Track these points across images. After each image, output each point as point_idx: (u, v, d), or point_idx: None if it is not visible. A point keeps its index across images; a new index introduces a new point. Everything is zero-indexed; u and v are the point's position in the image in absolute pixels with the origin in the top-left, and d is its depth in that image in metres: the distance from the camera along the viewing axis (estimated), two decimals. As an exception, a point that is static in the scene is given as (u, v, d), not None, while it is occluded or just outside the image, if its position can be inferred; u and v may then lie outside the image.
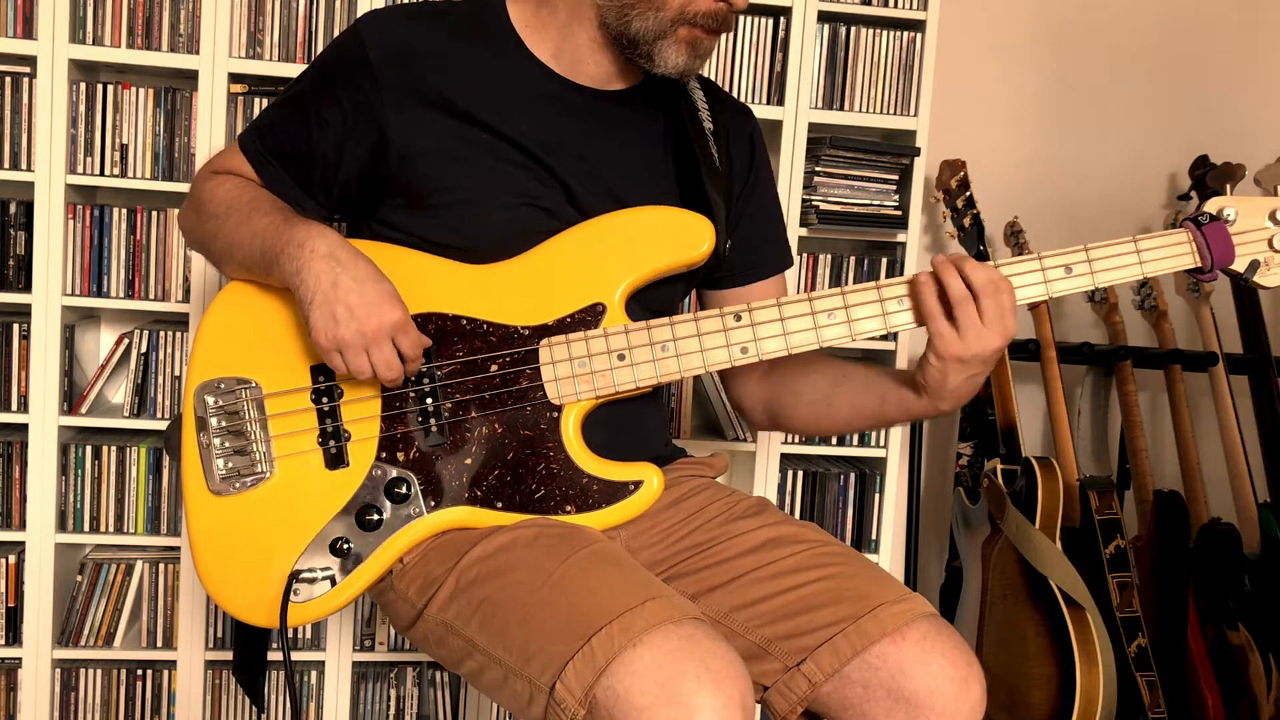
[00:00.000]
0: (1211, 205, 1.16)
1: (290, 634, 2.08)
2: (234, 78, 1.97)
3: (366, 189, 1.21)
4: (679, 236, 1.17)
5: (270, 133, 1.22)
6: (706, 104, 1.28)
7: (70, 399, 2.00)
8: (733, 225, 1.30)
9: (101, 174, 1.97)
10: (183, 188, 1.95)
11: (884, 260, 2.23)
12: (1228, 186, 2.22)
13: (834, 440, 2.22)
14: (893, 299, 1.14)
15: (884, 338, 2.16)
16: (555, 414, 1.15)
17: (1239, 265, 1.16)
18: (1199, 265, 1.16)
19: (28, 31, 1.91)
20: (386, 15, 1.19)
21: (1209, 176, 2.37)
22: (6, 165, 1.93)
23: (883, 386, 1.22)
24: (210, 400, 1.17)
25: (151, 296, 2.00)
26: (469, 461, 1.14)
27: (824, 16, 2.12)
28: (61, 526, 1.99)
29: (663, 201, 1.20)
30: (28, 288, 1.94)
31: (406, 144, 1.16)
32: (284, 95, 1.23)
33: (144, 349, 2.01)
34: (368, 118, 1.16)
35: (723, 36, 2.05)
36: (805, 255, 2.19)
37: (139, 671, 2.05)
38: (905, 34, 2.14)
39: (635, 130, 1.25)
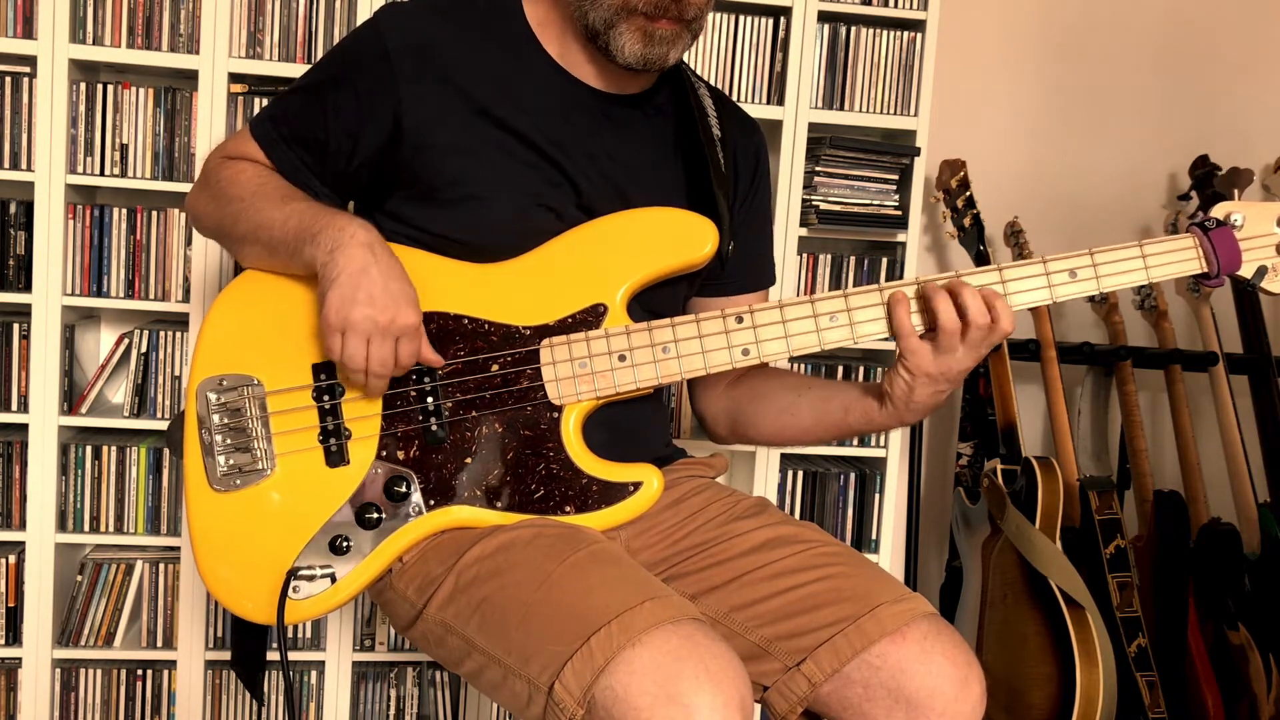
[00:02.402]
0: (1218, 210, 1.15)
1: (290, 633, 2.08)
2: (234, 78, 1.97)
3: (377, 178, 1.21)
4: (682, 238, 1.17)
5: (284, 120, 1.22)
6: (715, 112, 1.28)
7: (70, 399, 2.00)
8: (735, 231, 1.30)
9: (101, 174, 1.97)
10: (183, 188, 1.95)
11: (884, 260, 2.23)
12: (1234, 191, 2.22)
13: (834, 440, 2.21)
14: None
15: (885, 339, 2.15)
16: (555, 414, 1.15)
17: (1246, 271, 1.15)
18: (1205, 271, 1.15)
19: (28, 31, 1.91)
20: (407, 9, 1.19)
21: (1216, 180, 2.37)
22: (6, 165, 1.93)
23: (846, 397, 1.23)
24: (212, 397, 1.17)
25: (151, 296, 2.00)
26: (469, 461, 1.14)
27: (824, 16, 2.12)
28: (61, 526, 1.99)
29: (669, 204, 1.20)
30: (28, 288, 1.94)
31: (420, 137, 1.16)
32: (299, 84, 1.23)
33: (144, 349, 2.01)
34: (383, 108, 1.16)
35: (722, 34, 2.07)
36: (805, 255, 2.19)
37: (139, 671, 2.05)
38: (905, 34, 2.14)
39: (644, 133, 1.25)
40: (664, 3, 1.13)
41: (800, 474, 2.22)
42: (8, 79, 1.93)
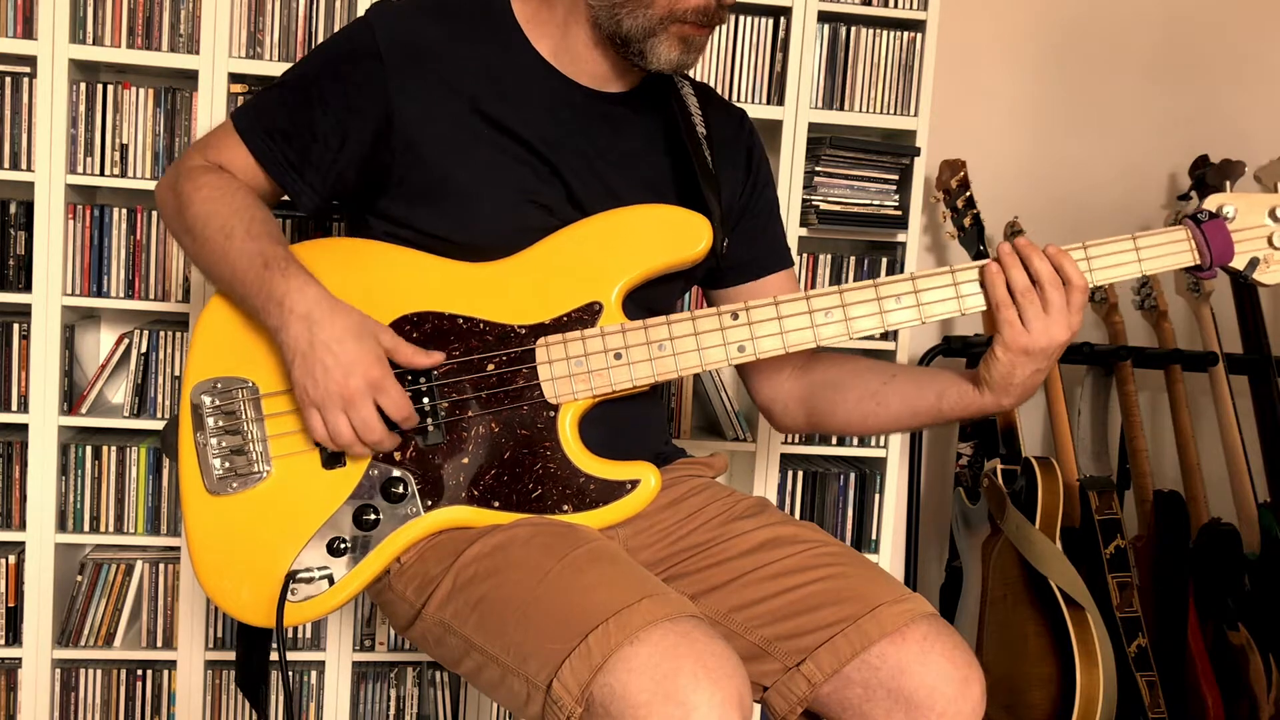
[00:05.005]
0: (1211, 202, 1.16)
1: (290, 633, 2.08)
2: (234, 78, 1.97)
3: (365, 177, 1.20)
4: (676, 235, 1.17)
5: (267, 112, 1.20)
6: (699, 108, 1.28)
7: (70, 399, 2.00)
8: (730, 225, 1.30)
9: (101, 174, 1.97)
10: (182, 188, 1.95)
11: (884, 260, 2.23)
12: (1227, 183, 2.23)
13: (834, 440, 2.21)
14: (890, 297, 1.14)
15: (883, 336, 2.16)
16: (552, 413, 1.14)
17: (1238, 263, 1.15)
18: (1198, 263, 1.15)
19: (28, 31, 1.91)
20: (398, 8, 1.19)
21: (1208, 174, 2.37)
22: (6, 165, 1.93)
23: (939, 383, 1.20)
24: (207, 400, 1.17)
25: (151, 296, 2.00)
26: (466, 461, 1.14)
27: (824, 16, 2.12)
28: (61, 526, 1.99)
29: (660, 201, 1.20)
30: (28, 288, 1.94)
31: (410, 134, 1.16)
32: (286, 78, 1.22)
33: (144, 349, 2.01)
34: (374, 105, 1.16)
35: (722, 34, 2.07)
36: (805, 255, 2.19)
37: (139, 671, 2.05)
38: (905, 34, 2.14)
39: (633, 130, 1.25)
40: (710, 10, 1.13)
41: (800, 474, 2.22)
42: (8, 79, 1.93)
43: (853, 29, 2.13)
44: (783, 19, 2.11)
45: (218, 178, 1.18)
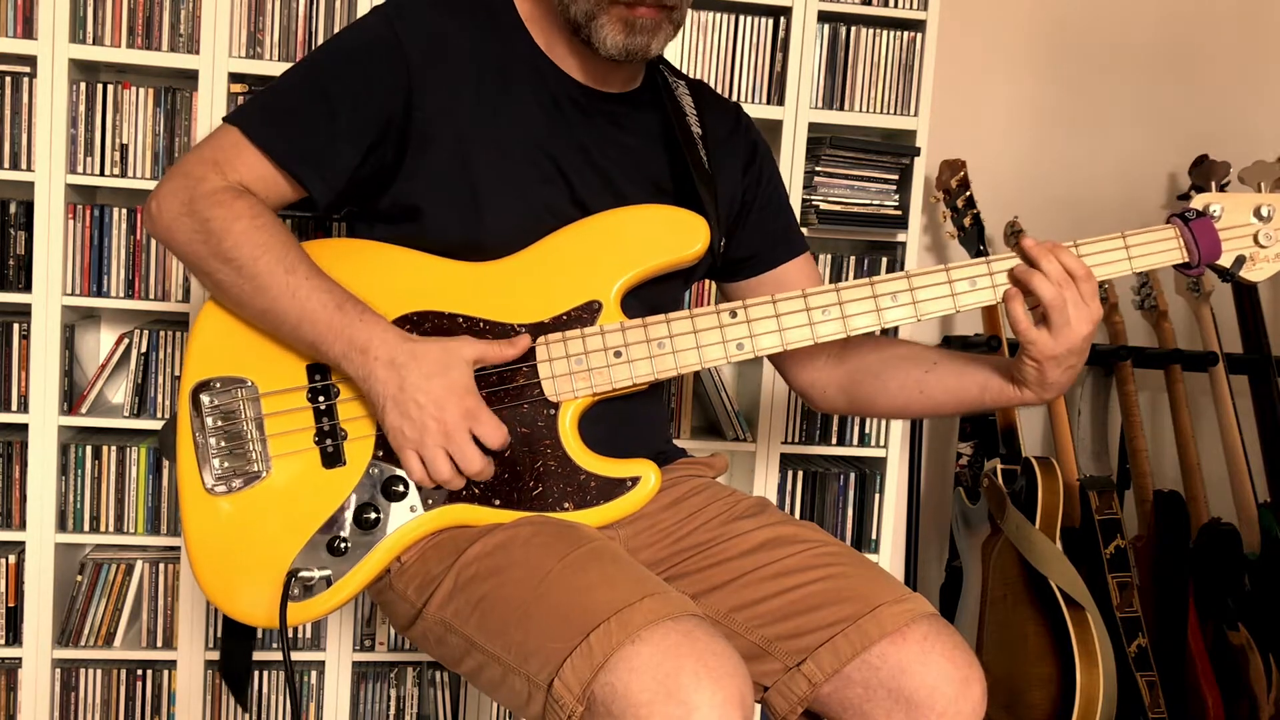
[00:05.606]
0: (1198, 201, 1.18)
1: (290, 634, 2.07)
2: (234, 78, 1.97)
3: (375, 169, 1.18)
4: (674, 234, 1.17)
5: (277, 113, 1.16)
6: (695, 109, 1.28)
7: (70, 399, 2.00)
8: (730, 223, 1.31)
9: (101, 174, 1.97)
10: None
11: (884, 260, 2.23)
12: (1211, 183, 2.24)
13: (834, 440, 2.22)
14: (886, 295, 1.14)
15: (884, 332, 2.15)
16: (552, 411, 1.14)
17: (1225, 260, 1.18)
18: (1187, 261, 1.17)
19: (28, 31, 1.91)
20: (410, 3, 1.18)
21: (1193, 173, 2.38)
22: (6, 165, 1.93)
23: (981, 374, 1.22)
24: (205, 400, 1.16)
25: (151, 296, 2.00)
26: (467, 459, 1.14)
27: (824, 16, 2.12)
28: (61, 526, 1.99)
29: (659, 200, 1.20)
30: (28, 288, 1.94)
31: (423, 128, 1.15)
32: (291, 77, 1.18)
33: (144, 349, 2.01)
34: (392, 97, 1.15)
35: (722, 34, 2.07)
36: (805, 255, 2.19)
37: (139, 671, 2.05)
38: (905, 34, 2.14)
39: (632, 130, 1.25)
40: None
41: (800, 474, 2.22)
42: (8, 79, 1.93)
43: (853, 29, 2.13)
44: (783, 19, 2.11)
45: (250, 204, 1.12)
